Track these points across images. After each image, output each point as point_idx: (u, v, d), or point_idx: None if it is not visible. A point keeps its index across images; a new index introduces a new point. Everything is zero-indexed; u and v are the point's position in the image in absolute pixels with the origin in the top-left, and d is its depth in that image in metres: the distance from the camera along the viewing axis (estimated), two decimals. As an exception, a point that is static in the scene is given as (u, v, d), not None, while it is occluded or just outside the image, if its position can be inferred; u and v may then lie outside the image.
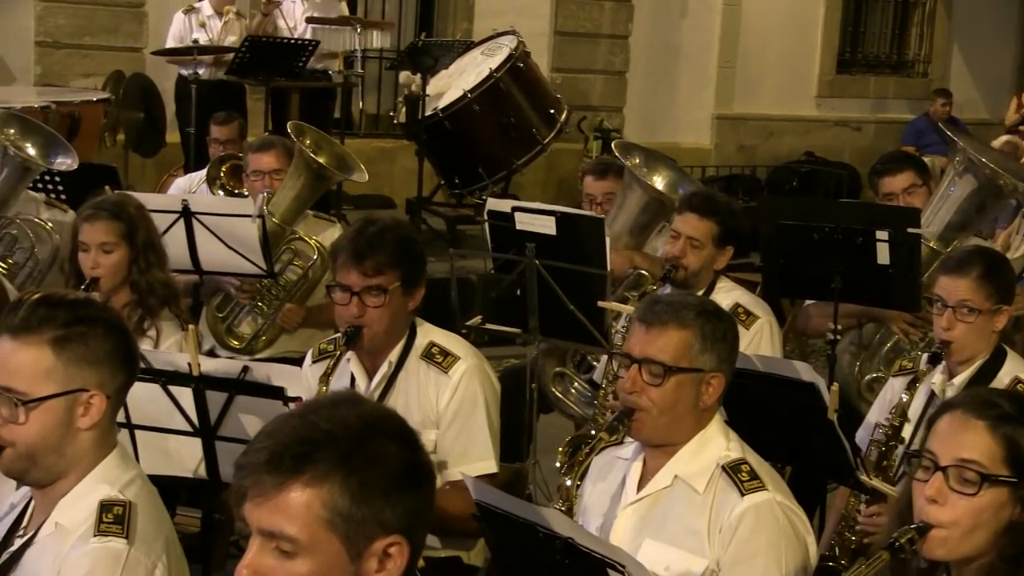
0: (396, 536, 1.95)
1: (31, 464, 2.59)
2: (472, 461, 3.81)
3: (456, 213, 10.23)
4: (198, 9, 9.86)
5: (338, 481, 1.90)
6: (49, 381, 2.56)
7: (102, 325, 2.62)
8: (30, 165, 5.79)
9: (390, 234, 3.76)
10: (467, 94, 9.63)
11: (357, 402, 2.02)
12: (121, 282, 4.50)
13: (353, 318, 3.73)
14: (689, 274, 4.79)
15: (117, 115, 9.72)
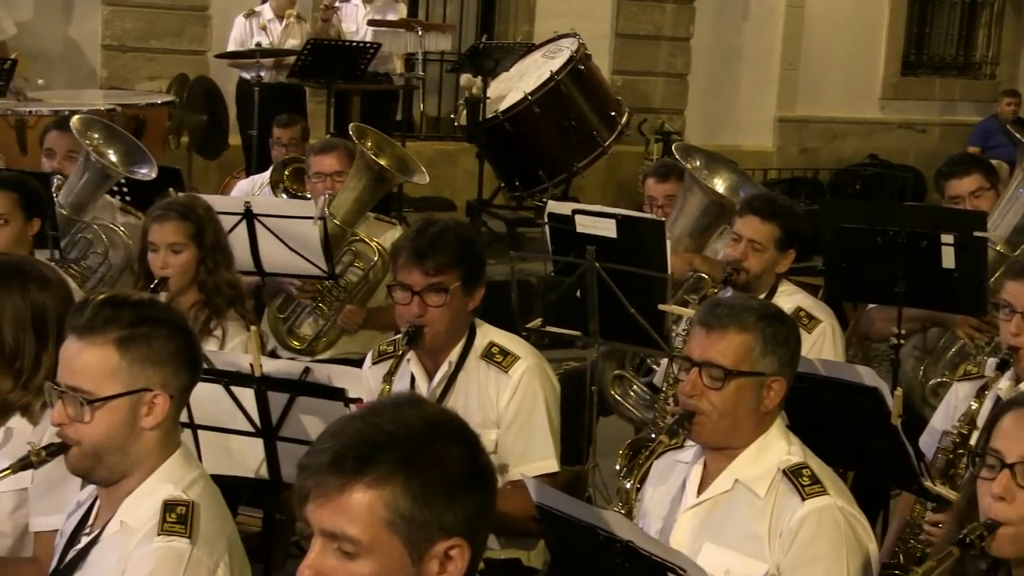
0: (457, 539, 1.95)
1: (97, 463, 2.62)
2: (533, 460, 3.81)
3: (516, 216, 10.23)
4: (259, 13, 9.93)
5: (400, 483, 1.90)
6: (114, 381, 2.58)
7: (166, 326, 2.65)
8: (110, 172, 5.86)
9: (450, 234, 3.77)
10: (528, 97, 9.62)
11: (419, 404, 2.03)
12: (189, 282, 4.55)
13: (414, 317, 3.74)
14: (750, 277, 4.75)
15: (181, 118, 9.81)
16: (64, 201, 5.78)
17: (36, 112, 8.37)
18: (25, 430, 3.12)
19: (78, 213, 5.79)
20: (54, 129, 6.28)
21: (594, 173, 10.72)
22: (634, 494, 3.28)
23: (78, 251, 5.82)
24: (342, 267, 5.54)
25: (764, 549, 3.04)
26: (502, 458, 3.83)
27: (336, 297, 5.58)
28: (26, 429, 3.12)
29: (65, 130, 6.18)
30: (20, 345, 3.12)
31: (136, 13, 10.83)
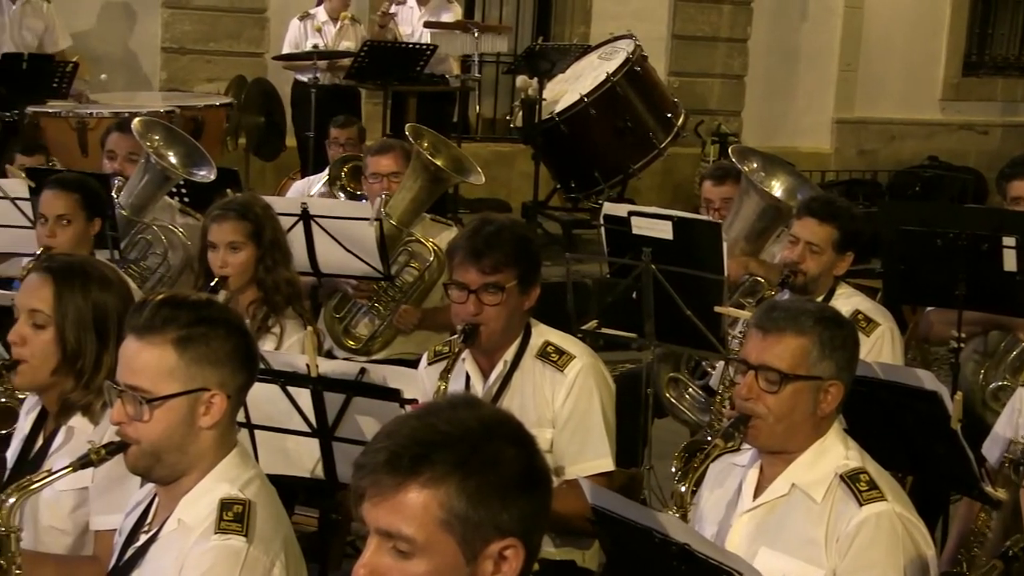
0: (512, 539, 1.95)
1: (155, 461, 2.64)
2: (588, 459, 3.80)
3: (572, 217, 10.22)
4: (313, 15, 9.97)
5: (455, 483, 1.91)
6: (172, 380, 2.61)
7: (223, 326, 2.67)
8: (170, 174, 5.92)
9: (507, 233, 3.77)
10: (584, 98, 9.61)
11: (475, 405, 2.03)
12: (248, 280, 4.59)
13: (470, 316, 3.74)
14: (808, 279, 4.72)
15: (239, 119, 9.87)
16: (124, 202, 5.84)
17: (97, 114, 8.46)
18: (86, 429, 3.15)
19: (138, 214, 5.85)
20: (115, 131, 6.35)
21: (650, 175, 10.69)
22: (689, 497, 3.26)
23: (138, 252, 5.88)
24: (398, 267, 5.55)
25: (821, 555, 3.01)
26: (557, 457, 3.83)
27: (392, 297, 5.60)
28: (87, 428, 3.16)
29: (126, 132, 6.25)
30: (82, 345, 3.15)
31: (195, 16, 10.92)
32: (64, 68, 8.56)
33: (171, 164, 5.90)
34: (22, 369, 3.18)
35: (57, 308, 3.15)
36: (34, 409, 3.34)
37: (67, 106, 8.62)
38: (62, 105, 8.61)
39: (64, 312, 3.15)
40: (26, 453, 3.29)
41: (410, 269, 5.60)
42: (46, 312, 3.15)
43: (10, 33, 8.89)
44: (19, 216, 5.65)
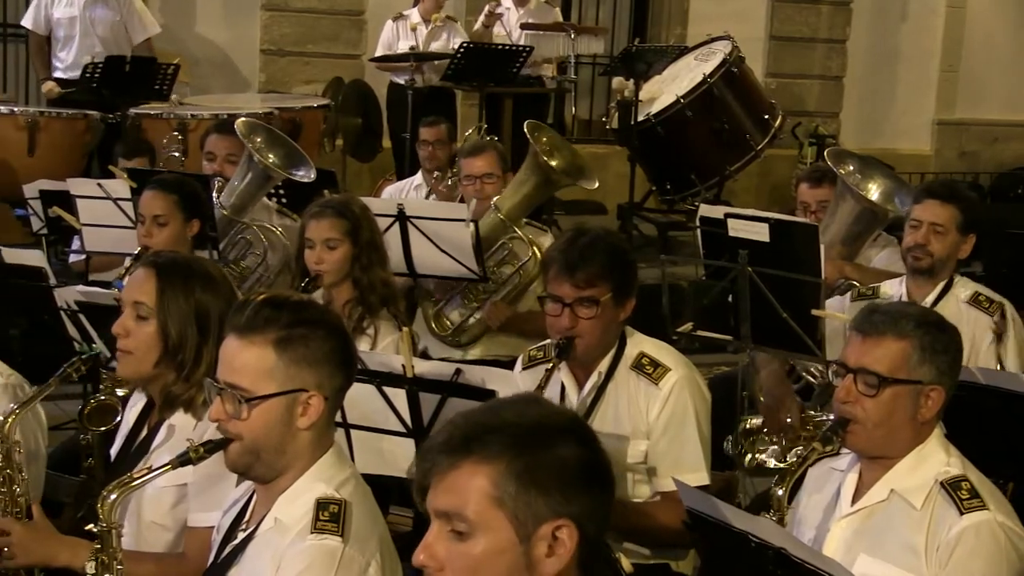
0: (565, 519, 1.98)
1: (254, 459, 2.67)
2: (683, 472, 3.74)
3: (667, 219, 10.18)
4: (407, 16, 10.03)
5: (506, 461, 1.96)
6: (271, 380, 2.63)
7: (323, 327, 2.68)
8: (272, 174, 5.99)
9: (601, 245, 3.75)
10: (680, 100, 9.56)
11: (542, 404, 2.11)
12: (343, 279, 4.62)
13: (565, 329, 3.73)
14: (935, 260, 4.68)
15: (336, 121, 9.95)
16: (225, 202, 5.92)
17: (197, 116, 8.59)
18: (187, 426, 3.19)
19: (238, 214, 5.93)
20: (215, 133, 6.43)
21: (746, 177, 10.62)
22: (785, 501, 3.23)
23: (237, 251, 5.96)
24: (495, 261, 5.56)
25: (921, 563, 2.96)
26: (652, 469, 3.80)
27: (483, 290, 5.61)
28: (188, 425, 3.20)
29: (225, 134, 6.34)
30: (183, 339, 3.19)
31: (294, 18, 11.03)
32: (166, 70, 8.69)
33: (273, 164, 5.97)
34: (125, 360, 3.24)
35: (160, 301, 3.20)
36: (138, 403, 3.40)
37: (168, 108, 8.76)
38: (163, 107, 8.75)
39: (166, 305, 3.19)
40: (129, 445, 3.35)
41: (507, 266, 5.61)
42: (149, 305, 3.20)
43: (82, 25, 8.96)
44: (122, 217, 5.76)
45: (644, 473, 3.82)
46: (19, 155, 8.23)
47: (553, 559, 1.99)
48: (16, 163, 8.09)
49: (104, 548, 2.82)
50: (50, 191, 6.53)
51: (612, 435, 3.79)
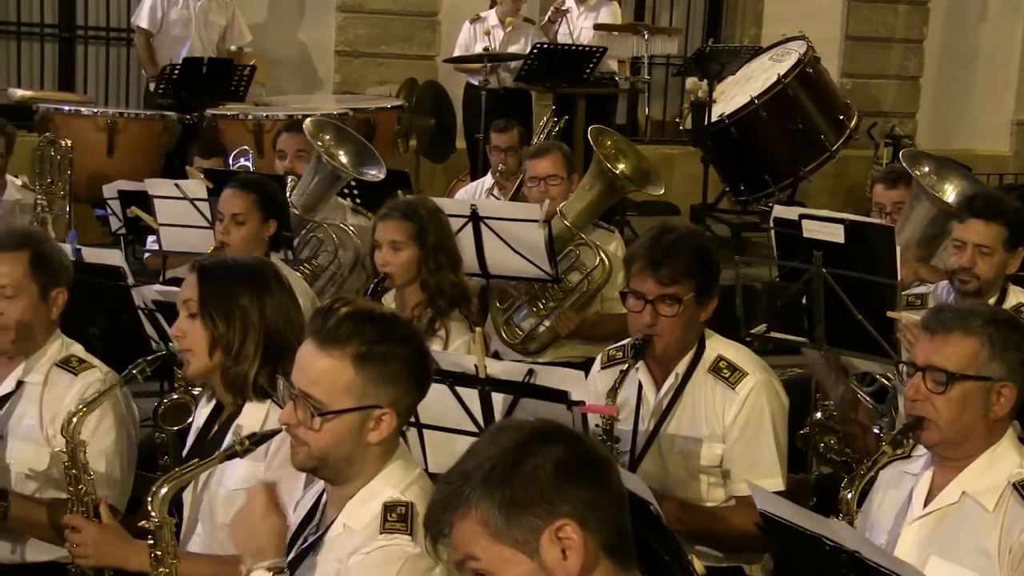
0: (560, 519, 2.02)
1: (322, 465, 2.69)
2: (758, 477, 3.71)
3: (741, 220, 10.13)
4: (484, 18, 10.05)
5: (484, 501, 2.03)
6: (346, 396, 2.63)
7: (403, 346, 2.67)
8: (341, 173, 6.03)
9: (687, 243, 3.73)
10: (754, 100, 9.51)
11: (505, 428, 2.16)
12: (411, 281, 4.64)
13: (645, 326, 3.72)
14: (982, 283, 4.56)
15: (410, 121, 10.00)
16: (296, 201, 5.97)
17: (272, 116, 8.67)
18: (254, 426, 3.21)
19: (309, 213, 5.98)
20: (284, 131, 6.51)
21: (821, 178, 10.53)
22: (855, 504, 3.21)
23: (309, 250, 6.01)
24: (562, 268, 5.56)
25: (993, 566, 2.94)
26: (727, 474, 3.79)
27: (552, 297, 5.61)
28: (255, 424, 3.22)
29: (294, 132, 6.40)
30: (229, 327, 3.24)
31: (368, 19, 11.09)
32: (242, 71, 8.78)
33: (341, 163, 6.00)
34: (187, 358, 3.31)
35: (201, 296, 3.25)
36: (209, 402, 3.45)
37: (244, 109, 8.85)
38: (239, 108, 8.84)
39: (207, 299, 3.25)
40: (199, 443, 3.40)
41: (575, 273, 5.60)
42: (194, 301, 3.26)
43: (195, 26, 9.16)
44: (198, 216, 5.82)
45: (719, 476, 3.81)
46: (99, 156, 8.35)
47: (570, 558, 2.03)
48: (96, 164, 8.20)
49: (157, 543, 2.85)
50: (128, 191, 6.62)
51: (688, 437, 3.78)
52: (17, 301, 3.69)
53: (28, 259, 3.71)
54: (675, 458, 3.80)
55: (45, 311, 3.76)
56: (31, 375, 3.76)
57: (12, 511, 3.60)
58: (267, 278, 3.32)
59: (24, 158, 8.05)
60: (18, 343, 3.74)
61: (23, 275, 3.70)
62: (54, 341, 3.82)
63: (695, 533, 3.72)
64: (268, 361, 3.23)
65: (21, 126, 8.11)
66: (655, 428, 3.82)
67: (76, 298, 3.95)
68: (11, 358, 3.78)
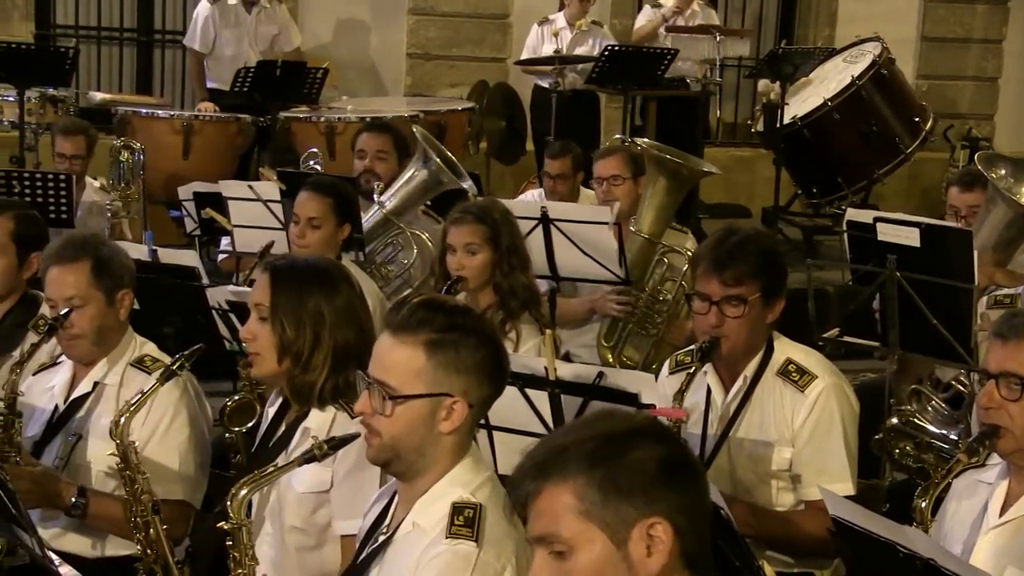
0: (655, 516, 2.02)
1: (394, 456, 2.70)
2: (828, 482, 3.65)
3: (813, 223, 10.05)
4: (552, 20, 10.05)
5: (584, 474, 2.02)
6: (418, 381, 2.65)
7: (475, 336, 2.69)
8: (443, 178, 6.04)
9: (752, 244, 3.71)
10: (827, 102, 9.43)
11: (616, 416, 2.15)
12: (484, 283, 4.65)
13: (711, 328, 3.70)
14: None
15: (480, 124, 10.02)
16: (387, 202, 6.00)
17: (344, 119, 8.72)
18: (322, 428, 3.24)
19: (398, 216, 6.00)
20: (366, 131, 6.53)
21: (896, 180, 10.41)
22: (928, 513, 3.16)
23: (384, 254, 6.03)
24: (656, 280, 5.53)
25: (1073, 575, 2.89)
26: (796, 477, 3.75)
27: (658, 313, 5.57)
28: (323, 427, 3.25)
29: (377, 132, 6.44)
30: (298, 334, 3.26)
31: (440, 22, 11.13)
32: (315, 74, 8.85)
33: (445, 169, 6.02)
34: (255, 361, 3.34)
35: (273, 302, 3.27)
36: (277, 401, 3.48)
37: (316, 112, 8.91)
38: (312, 110, 8.91)
39: (279, 305, 3.27)
40: (267, 441, 3.43)
41: (669, 283, 5.57)
42: (266, 305, 3.28)
43: (247, 42, 9.23)
44: (271, 218, 5.87)
45: (788, 481, 3.78)
46: (174, 158, 8.46)
47: (654, 557, 2.03)
48: (171, 166, 8.31)
49: (235, 545, 2.87)
50: (203, 193, 6.70)
51: (757, 441, 3.75)
52: (86, 310, 3.77)
53: (90, 267, 3.78)
54: (744, 462, 3.77)
55: (114, 314, 3.83)
56: (107, 376, 3.85)
57: (90, 508, 3.67)
58: (338, 282, 3.34)
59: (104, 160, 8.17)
60: (93, 348, 3.82)
61: (87, 284, 3.77)
62: (128, 342, 3.90)
63: (765, 538, 3.69)
64: (336, 369, 3.25)
65: (100, 128, 8.23)
66: (723, 432, 3.79)
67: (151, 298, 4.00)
68: (87, 364, 3.86)
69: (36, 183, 6.82)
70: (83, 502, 3.65)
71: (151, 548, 3.46)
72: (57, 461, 3.79)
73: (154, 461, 3.61)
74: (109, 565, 3.73)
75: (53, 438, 3.84)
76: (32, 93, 8.81)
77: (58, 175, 6.87)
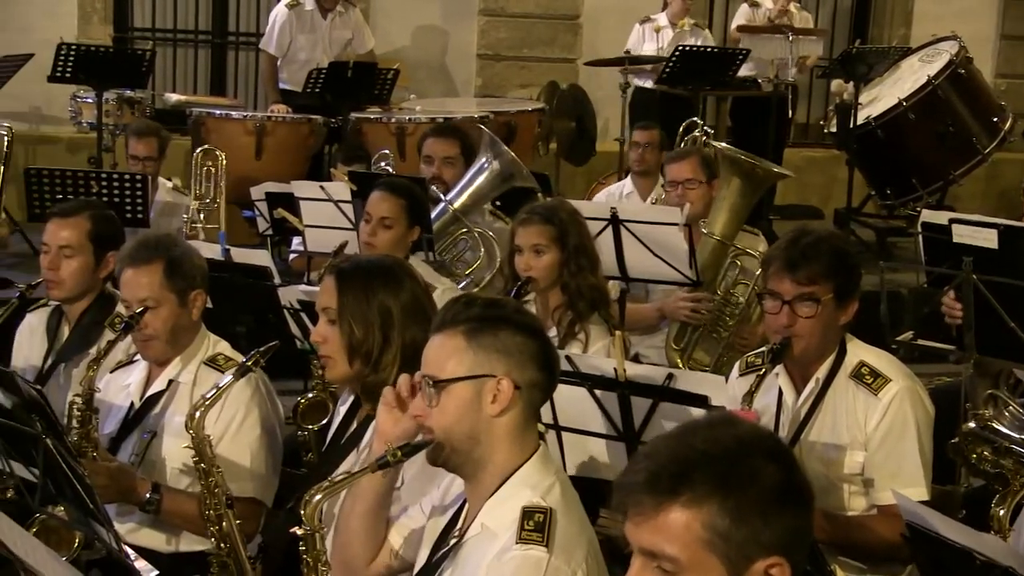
0: (777, 557, 1.94)
1: (450, 450, 2.69)
2: (901, 486, 3.61)
3: (887, 225, 9.95)
4: (654, 19, 10.02)
5: (716, 502, 1.92)
6: (458, 364, 2.66)
7: (513, 322, 2.71)
8: (515, 171, 6.05)
9: (825, 245, 3.68)
10: (902, 102, 9.33)
11: (732, 423, 2.04)
12: (552, 284, 4.65)
13: (782, 328, 3.67)
14: None
15: (550, 124, 10.02)
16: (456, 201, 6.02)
17: (415, 119, 8.76)
18: None
19: (467, 215, 6.02)
20: (432, 136, 6.54)
21: (972, 181, 10.27)
22: (1007, 521, 3.11)
23: (451, 253, 6.04)
24: (728, 283, 5.51)
25: None
26: (868, 482, 3.71)
27: (729, 316, 5.54)
28: None
29: (443, 136, 6.44)
30: (367, 336, 3.26)
31: (511, 23, 11.15)
32: (386, 75, 8.89)
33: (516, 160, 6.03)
34: (328, 364, 3.35)
35: (340, 304, 3.28)
36: (348, 399, 3.49)
37: (387, 112, 8.95)
38: (382, 111, 8.95)
39: (346, 307, 3.28)
40: (338, 439, 3.45)
41: (741, 286, 5.54)
42: (333, 308, 3.30)
43: (322, 47, 9.29)
44: (342, 218, 5.90)
45: (860, 485, 3.73)
46: (247, 159, 8.53)
47: None
48: (244, 166, 8.37)
49: (308, 550, 2.88)
50: (275, 193, 6.75)
51: (829, 444, 3.71)
52: (159, 311, 3.82)
53: (163, 269, 3.83)
54: (815, 465, 3.73)
55: (186, 314, 3.87)
56: (181, 374, 3.89)
57: (164, 504, 3.72)
58: (402, 278, 3.35)
59: (177, 161, 8.26)
60: (167, 348, 3.87)
61: (160, 285, 3.82)
62: (201, 340, 3.94)
63: (837, 543, 3.65)
64: (405, 367, 3.26)
65: (175, 129, 8.34)
66: (795, 435, 3.76)
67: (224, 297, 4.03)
68: (162, 363, 3.91)
69: (113, 183, 6.92)
70: (157, 498, 3.70)
71: (224, 542, 3.48)
72: (133, 458, 3.84)
73: (226, 458, 3.64)
74: (183, 560, 3.78)
75: (129, 435, 3.90)
76: (110, 95, 8.95)
77: (134, 175, 6.97)
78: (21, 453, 3.36)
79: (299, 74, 9.09)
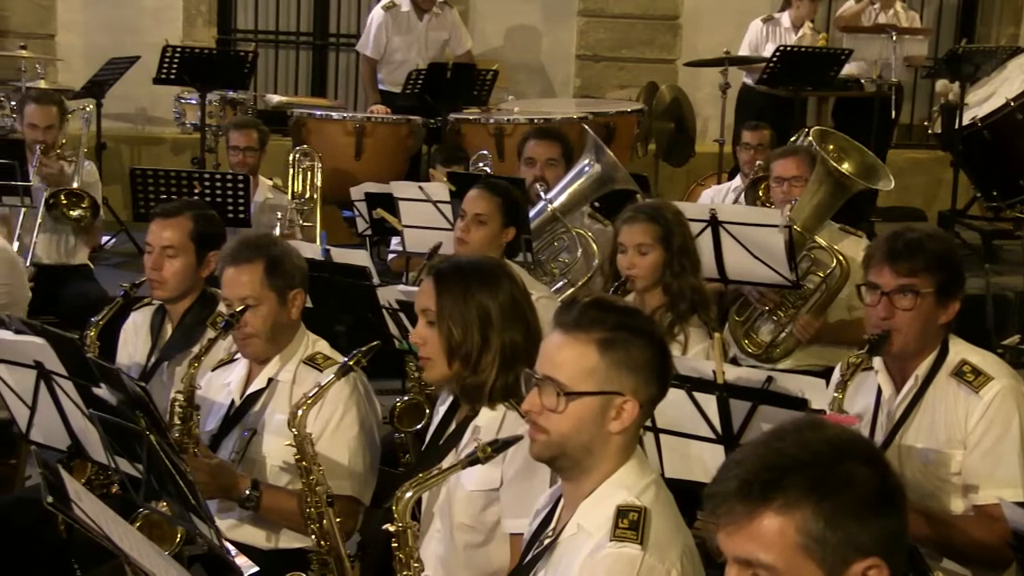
0: (874, 558, 1.91)
1: (560, 453, 2.69)
2: (998, 486, 3.55)
3: (993, 227, 9.76)
4: (777, 19, 9.94)
5: (810, 506, 1.90)
6: (590, 378, 2.65)
7: (645, 336, 2.69)
8: (616, 174, 6.05)
9: (928, 241, 3.62)
10: (1010, 103, 9.16)
11: (821, 426, 2.01)
12: (654, 284, 4.63)
13: (880, 320, 3.61)
14: None
15: (649, 125, 9.97)
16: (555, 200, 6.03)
17: (513, 120, 8.77)
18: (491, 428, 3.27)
19: (566, 215, 6.02)
20: (533, 138, 6.53)
21: (1083, 184, 10.06)
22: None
23: (548, 253, 6.04)
24: (799, 273, 5.46)
25: None
26: (967, 480, 3.63)
27: (792, 303, 5.51)
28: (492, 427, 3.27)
29: (545, 138, 6.43)
30: (466, 337, 3.28)
31: (610, 24, 11.12)
32: (485, 76, 8.91)
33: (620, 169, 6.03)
34: (427, 366, 3.37)
35: (439, 306, 3.30)
36: (447, 399, 3.51)
37: (486, 113, 8.98)
38: (481, 112, 8.98)
39: (445, 309, 3.29)
40: (437, 439, 3.47)
41: (812, 276, 5.51)
42: (432, 310, 3.31)
43: (418, 48, 9.34)
44: (441, 219, 5.93)
45: (959, 485, 3.66)
46: (347, 159, 8.60)
47: None
48: (344, 167, 8.46)
49: (400, 547, 2.89)
50: (374, 193, 6.80)
51: (927, 443, 3.65)
52: (259, 310, 3.86)
53: (263, 268, 3.87)
54: (914, 465, 3.67)
55: (286, 313, 3.91)
56: (281, 373, 3.93)
57: (263, 501, 3.75)
58: (501, 279, 3.35)
59: (277, 162, 8.36)
60: (266, 346, 3.92)
61: (260, 284, 3.86)
62: (300, 339, 3.97)
63: (934, 543, 3.58)
64: (505, 369, 3.27)
65: (276, 130, 8.42)
66: (892, 433, 3.70)
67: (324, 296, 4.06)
68: (261, 361, 3.95)
69: (216, 183, 7.02)
70: (256, 495, 3.74)
71: (324, 539, 3.51)
72: (233, 455, 3.89)
73: (325, 457, 3.66)
74: (283, 557, 3.80)
75: (229, 432, 3.94)
76: (213, 96, 9.07)
77: (236, 175, 7.06)
78: (126, 449, 3.42)
79: (397, 75, 9.16)
